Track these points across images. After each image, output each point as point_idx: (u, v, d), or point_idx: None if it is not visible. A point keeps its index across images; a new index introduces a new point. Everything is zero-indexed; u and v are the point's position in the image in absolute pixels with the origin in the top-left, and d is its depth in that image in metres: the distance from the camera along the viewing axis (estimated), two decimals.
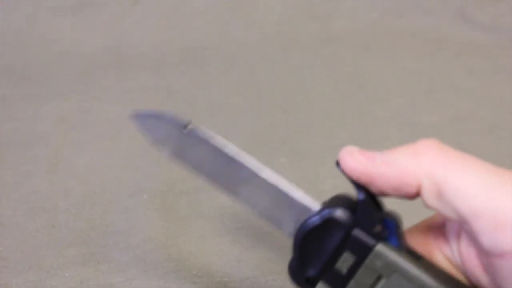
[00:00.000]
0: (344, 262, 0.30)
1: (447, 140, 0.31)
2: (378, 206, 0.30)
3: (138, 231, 0.51)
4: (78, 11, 0.98)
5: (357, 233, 0.29)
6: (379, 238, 0.29)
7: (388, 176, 0.28)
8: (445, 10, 1.02)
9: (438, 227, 0.30)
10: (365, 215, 0.29)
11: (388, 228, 0.29)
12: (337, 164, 0.30)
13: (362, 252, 0.29)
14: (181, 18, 0.99)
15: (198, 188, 0.57)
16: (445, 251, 0.30)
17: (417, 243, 0.30)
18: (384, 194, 0.29)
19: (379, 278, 0.29)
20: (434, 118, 0.71)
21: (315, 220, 0.30)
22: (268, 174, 0.32)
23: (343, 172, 0.30)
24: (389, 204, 0.31)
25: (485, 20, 0.98)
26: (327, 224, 0.30)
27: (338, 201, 0.31)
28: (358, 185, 0.29)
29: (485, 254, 0.27)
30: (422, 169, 0.27)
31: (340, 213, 0.29)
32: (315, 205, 0.31)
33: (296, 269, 0.31)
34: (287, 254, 0.45)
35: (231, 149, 0.33)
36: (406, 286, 0.28)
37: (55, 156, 0.64)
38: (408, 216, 0.31)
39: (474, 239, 0.27)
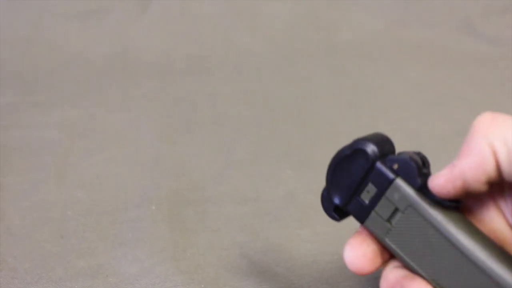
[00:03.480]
0: (368, 193, 0.32)
1: (452, 152, 0.32)
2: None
3: (146, 243, 0.51)
4: (85, 18, 0.98)
5: (380, 166, 0.32)
6: (399, 174, 0.32)
7: (469, 162, 0.30)
8: (450, 22, 1.02)
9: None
10: (389, 152, 0.33)
11: (405, 168, 0.31)
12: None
13: (383, 184, 0.32)
14: (187, 26, 0.99)
15: (205, 199, 0.57)
16: (498, 204, 0.32)
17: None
18: (479, 187, 0.30)
19: (396, 210, 0.32)
20: (439, 129, 0.71)
21: (346, 150, 0.33)
22: None
23: (439, 195, 0.30)
24: None
25: (490, 32, 0.99)
26: (356, 156, 0.33)
27: (372, 136, 0.33)
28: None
29: None
30: (488, 137, 0.29)
31: (368, 146, 0.32)
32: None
33: (327, 197, 0.34)
34: (295, 268, 0.45)
35: None
36: (419, 221, 0.31)
37: (62, 164, 0.64)
38: None
39: None
